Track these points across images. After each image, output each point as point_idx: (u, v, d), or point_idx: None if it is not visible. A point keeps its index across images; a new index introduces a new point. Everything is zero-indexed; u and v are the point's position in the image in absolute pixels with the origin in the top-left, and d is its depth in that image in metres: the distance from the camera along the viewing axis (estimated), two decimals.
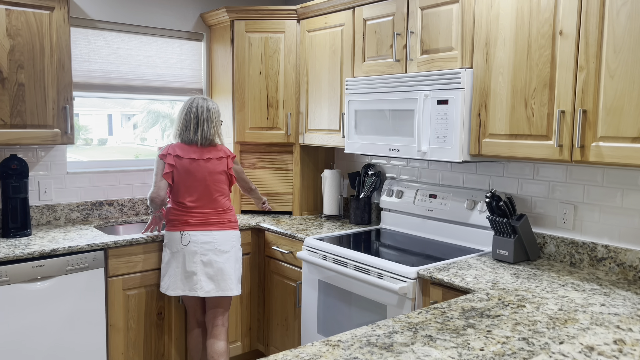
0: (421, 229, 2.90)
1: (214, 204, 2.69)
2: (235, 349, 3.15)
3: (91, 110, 3.46)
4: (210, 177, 2.68)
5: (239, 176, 2.90)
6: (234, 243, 2.72)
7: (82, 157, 3.32)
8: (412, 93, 2.51)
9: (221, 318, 2.72)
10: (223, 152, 2.77)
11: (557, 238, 2.39)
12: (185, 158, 2.65)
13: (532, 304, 1.80)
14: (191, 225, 2.63)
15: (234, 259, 2.70)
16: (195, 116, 2.70)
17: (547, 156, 2.06)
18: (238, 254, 2.74)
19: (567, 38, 1.98)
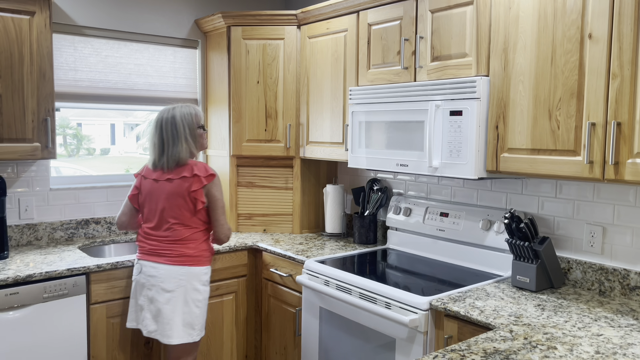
0: (431, 250, 2.67)
1: (168, 233, 2.31)
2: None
3: (94, 120, 3.31)
4: (167, 200, 2.31)
5: (213, 199, 2.34)
6: (183, 282, 2.28)
7: (83, 168, 3.21)
8: (422, 103, 2.30)
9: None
10: (189, 170, 2.31)
11: (584, 263, 2.15)
12: (148, 178, 2.40)
13: (563, 344, 1.57)
14: (144, 254, 2.36)
15: (182, 301, 2.28)
16: (159, 136, 2.35)
17: (575, 174, 1.84)
18: (191, 295, 2.30)
19: (597, 42, 1.77)
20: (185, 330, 2.30)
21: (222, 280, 2.85)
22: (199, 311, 2.33)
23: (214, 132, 3.37)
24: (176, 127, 2.34)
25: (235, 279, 2.91)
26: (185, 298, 2.29)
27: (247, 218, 3.27)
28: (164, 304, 2.27)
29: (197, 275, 2.32)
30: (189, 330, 2.31)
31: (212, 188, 2.34)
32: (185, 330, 2.30)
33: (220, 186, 2.38)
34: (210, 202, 2.35)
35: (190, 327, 2.31)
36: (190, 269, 2.31)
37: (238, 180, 3.25)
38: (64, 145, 3.15)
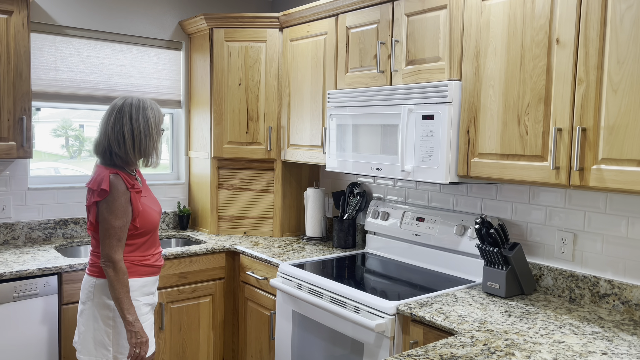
0: (408, 255, 2.66)
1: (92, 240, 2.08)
2: None
3: (96, 122, 3.32)
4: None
5: (100, 218, 1.95)
6: (91, 295, 1.99)
7: (83, 169, 3.21)
8: (396, 107, 2.29)
9: None
10: (93, 180, 1.98)
11: (555, 270, 2.14)
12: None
13: (522, 351, 1.55)
14: None
15: (92, 316, 1.98)
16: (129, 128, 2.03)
17: (542, 179, 1.83)
18: (99, 311, 1.97)
19: (564, 47, 1.76)
20: (98, 349, 1.98)
21: (200, 282, 2.84)
22: (111, 330, 1.98)
23: (196, 133, 3.37)
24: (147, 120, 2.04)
25: (213, 282, 2.90)
26: (94, 313, 1.99)
27: (228, 220, 3.26)
28: (79, 315, 2.05)
29: (105, 288, 1.98)
30: (102, 350, 1.98)
31: (101, 206, 1.95)
32: (97, 349, 1.98)
33: (112, 204, 1.94)
34: (102, 221, 1.96)
35: (102, 347, 1.98)
36: (98, 281, 1.99)
37: (219, 183, 3.25)
38: (66, 147, 3.16)
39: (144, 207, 2.05)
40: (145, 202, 2.08)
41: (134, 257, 2.04)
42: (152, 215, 2.08)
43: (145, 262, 2.07)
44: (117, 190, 1.96)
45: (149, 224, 2.06)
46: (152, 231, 2.09)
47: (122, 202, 1.96)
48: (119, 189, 1.96)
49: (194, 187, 3.44)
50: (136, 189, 2.03)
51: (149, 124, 2.05)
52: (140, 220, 2.02)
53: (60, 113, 3.11)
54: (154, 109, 2.09)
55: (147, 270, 2.08)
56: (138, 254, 2.06)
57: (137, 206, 2.01)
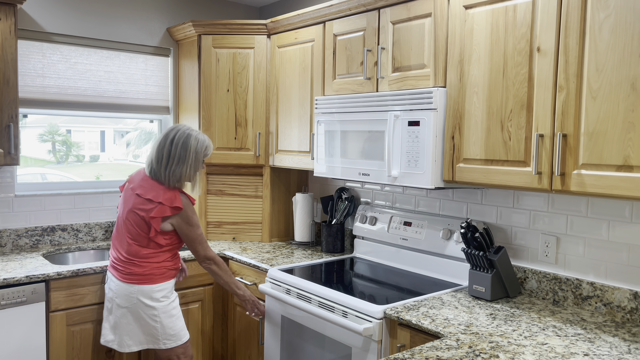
0: (395, 259, 2.69)
1: (123, 248, 2.31)
2: None
3: (84, 127, 3.32)
4: (129, 214, 2.30)
5: (182, 232, 2.33)
6: (134, 300, 2.27)
7: (72, 175, 3.23)
8: (383, 113, 2.32)
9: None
10: (162, 196, 2.26)
11: (539, 273, 2.18)
12: (129, 185, 2.40)
13: (506, 353, 1.58)
14: (109, 265, 2.41)
15: (136, 316, 2.29)
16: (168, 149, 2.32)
17: (525, 184, 1.87)
18: (144, 311, 2.28)
19: (545, 55, 1.80)
20: (148, 339, 2.32)
21: (189, 288, 2.85)
22: (158, 324, 2.31)
23: None
24: (187, 148, 2.33)
25: (202, 287, 2.90)
26: (139, 314, 2.29)
27: (217, 226, 3.26)
28: (120, 317, 2.31)
29: (148, 293, 2.29)
30: (153, 339, 2.32)
31: (178, 220, 2.30)
32: (147, 338, 2.32)
33: (189, 220, 2.32)
34: (181, 235, 2.34)
35: (153, 337, 2.32)
36: (141, 288, 2.28)
37: (208, 188, 3.25)
38: (53, 152, 3.15)
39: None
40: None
41: (170, 263, 2.38)
42: None
43: (175, 266, 2.42)
44: (189, 206, 2.34)
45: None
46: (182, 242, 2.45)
47: (195, 216, 2.37)
48: (190, 205, 2.36)
49: None
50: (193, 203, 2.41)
51: (188, 150, 2.33)
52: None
53: (46, 118, 3.10)
54: (198, 140, 2.38)
55: (173, 274, 2.41)
56: (173, 261, 2.40)
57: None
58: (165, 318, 2.32)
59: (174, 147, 2.32)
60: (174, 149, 2.31)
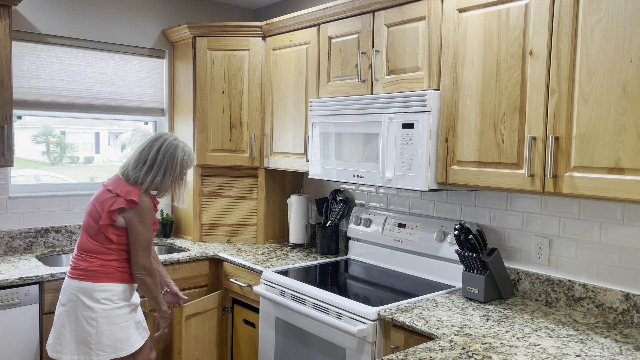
0: (390, 261, 2.70)
1: (80, 243, 2.20)
2: None
3: (78, 129, 3.31)
4: (90, 205, 2.21)
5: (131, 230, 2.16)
6: (73, 297, 2.11)
7: (66, 177, 3.22)
8: (377, 116, 2.33)
9: None
10: (122, 189, 2.17)
11: (532, 274, 2.19)
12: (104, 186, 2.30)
13: (499, 354, 1.59)
14: None
15: (73, 317, 2.11)
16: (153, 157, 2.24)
17: (517, 186, 1.88)
18: (82, 312, 2.10)
19: (537, 58, 1.82)
20: (80, 348, 2.11)
21: (183, 290, 2.84)
22: (94, 330, 2.11)
23: None
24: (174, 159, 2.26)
25: (197, 289, 2.90)
26: (76, 314, 2.11)
27: (211, 228, 3.26)
28: (57, 317, 2.17)
29: (88, 291, 2.11)
30: (85, 349, 2.11)
31: (131, 215, 2.15)
32: (78, 347, 2.11)
33: (143, 218, 2.16)
34: (129, 234, 2.18)
35: (85, 345, 2.11)
36: (82, 284, 2.12)
37: (202, 190, 3.26)
38: (47, 154, 3.14)
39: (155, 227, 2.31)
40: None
41: (119, 265, 2.22)
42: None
43: (127, 269, 2.25)
44: (148, 205, 2.20)
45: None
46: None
47: (151, 219, 2.22)
48: (148, 207, 2.20)
49: None
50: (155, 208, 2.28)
51: (175, 161, 2.27)
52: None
53: (41, 119, 3.10)
54: (185, 152, 2.31)
55: (127, 278, 2.24)
56: (122, 262, 2.23)
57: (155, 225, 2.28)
58: (104, 324, 2.12)
59: (161, 157, 2.24)
60: (161, 158, 2.23)
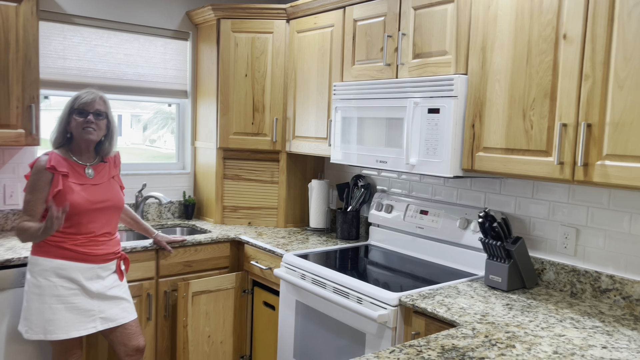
0: (411, 247, 2.68)
1: None
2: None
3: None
4: None
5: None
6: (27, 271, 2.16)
7: None
8: (402, 100, 2.30)
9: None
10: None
11: (557, 264, 2.15)
12: None
13: (523, 343, 1.57)
14: None
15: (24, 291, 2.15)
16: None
17: (546, 174, 1.84)
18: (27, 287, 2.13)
19: (571, 43, 1.76)
20: (21, 320, 2.15)
21: (204, 271, 2.87)
22: (26, 304, 2.12)
23: (202, 124, 3.39)
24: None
25: (217, 270, 2.92)
26: (27, 289, 2.15)
27: (233, 210, 3.28)
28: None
29: (28, 264, 2.16)
30: (22, 321, 2.13)
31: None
32: (22, 319, 2.14)
33: (29, 178, 2.13)
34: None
35: (22, 318, 2.14)
36: (31, 259, 2.15)
37: (224, 173, 3.27)
38: None
39: (65, 191, 2.12)
40: (77, 189, 2.15)
41: (51, 238, 2.12)
42: (75, 200, 2.13)
43: (62, 244, 2.13)
44: (36, 167, 2.13)
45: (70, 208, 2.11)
46: (73, 215, 2.13)
47: (37, 179, 2.12)
48: (37, 166, 2.12)
49: (199, 177, 3.46)
50: (60, 171, 2.12)
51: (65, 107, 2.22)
52: (56, 202, 2.10)
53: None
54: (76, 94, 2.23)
55: (64, 254, 2.13)
56: (56, 236, 2.13)
57: (54, 188, 2.11)
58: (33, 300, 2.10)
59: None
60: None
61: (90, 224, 2.17)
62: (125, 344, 2.27)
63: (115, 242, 2.29)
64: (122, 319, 2.25)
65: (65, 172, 2.15)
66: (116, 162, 2.37)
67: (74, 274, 2.13)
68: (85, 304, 2.15)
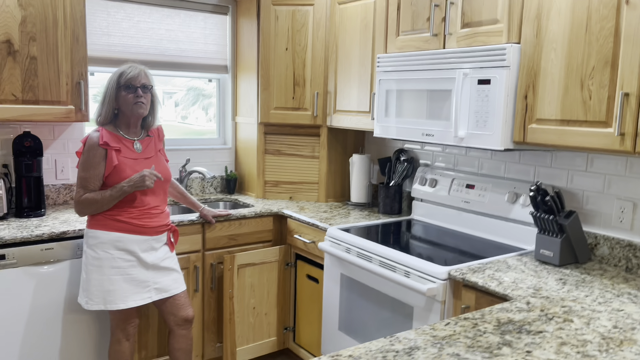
0: (456, 222, 2.65)
1: None
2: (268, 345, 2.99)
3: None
4: None
5: None
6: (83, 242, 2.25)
7: None
8: (450, 72, 2.25)
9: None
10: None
11: (612, 239, 2.10)
12: None
13: (581, 318, 1.55)
14: None
15: (82, 263, 2.24)
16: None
17: (604, 146, 1.78)
18: (83, 258, 2.23)
19: (634, 8, 1.68)
20: (81, 291, 2.23)
21: (248, 244, 2.92)
22: (85, 276, 2.20)
23: (242, 99, 3.40)
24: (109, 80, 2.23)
25: (261, 244, 2.96)
26: (84, 260, 2.23)
27: (274, 185, 3.30)
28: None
29: (85, 236, 2.22)
30: (83, 292, 2.21)
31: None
32: (81, 291, 2.23)
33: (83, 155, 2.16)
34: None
35: (82, 289, 2.22)
36: (84, 229, 2.27)
37: (265, 148, 3.28)
38: None
39: (120, 166, 2.17)
40: (129, 163, 2.20)
41: (107, 211, 2.19)
42: (130, 175, 2.18)
43: (117, 217, 2.19)
44: (89, 144, 2.16)
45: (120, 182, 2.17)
46: None
47: (91, 156, 2.15)
48: (90, 143, 2.16)
49: (240, 152, 3.49)
50: (113, 146, 2.17)
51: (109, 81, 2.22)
52: (113, 177, 2.17)
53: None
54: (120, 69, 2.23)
55: (120, 226, 2.19)
56: (112, 209, 2.19)
57: (110, 163, 2.16)
58: (93, 272, 2.17)
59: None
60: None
61: (144, 197, 2.22)
62: (175, 314, 2.34)
63: (166, 214, 2.34)
64: (175, 289, 2.31)
65: (118, 148, 2.19)
66: (160, 135, 2.41)
67: (131, 246, 2.19)
68: (141, 275, 2.21)
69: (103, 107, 2.23)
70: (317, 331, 2.80)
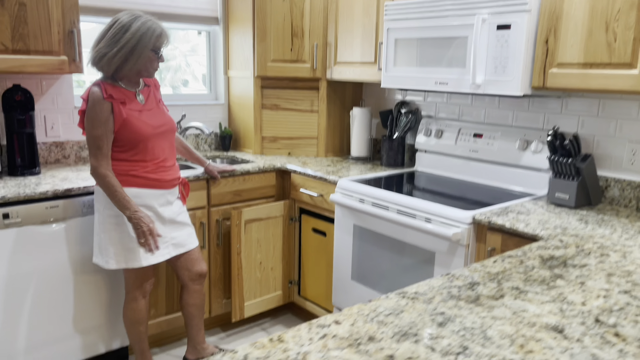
0: (463, 171, 2.68)
1: None
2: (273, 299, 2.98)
3: None
4: None
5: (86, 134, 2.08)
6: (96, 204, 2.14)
7: None
8: (467, 17, 2.22)
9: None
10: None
11: (623, 181, 2.18)
12: None
13: (616, 252, 1.61)
14: None
15: (95, 222, 2.15)
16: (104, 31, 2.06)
17: (629, 87, 1.81)
18: (96, 218, 2.13)
19: None
20: (97, 251, 2.16)
21: (252, 199, 2.87)
22: (102, 235, 2.11)
23: (235, 52, 3.28)
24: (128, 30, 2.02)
25: (264, 199, 2.93)
26: (97, 219, 2.14)
27: (272, 141, 3.24)
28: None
29: (96, 194, 2.13)
30: (100, 252, 2.14)
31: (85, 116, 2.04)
32: (98, 250, 2.15)
33: (89, 112, 2.01)
34: None
35: (99, 250, 2.14)
36: (95, 188, 2.13)
37: (262, 102, 3.20)
38: None
39: (129, 119, 2.05)
40: (136, 115, 2.08)
41: (121, 167, 2.08)
42: (140, 127, 2.07)
43: (133, 172, 2.09)
44: (93, 100, 2.00)
45: (134, 135, 2.06)
46: (139, 142, 2.08)
47: (98, 112, 2.00)
48: (94, 98, 2.00)
49: (234, 108, 3.39)
50: (117, 99, 2.03)
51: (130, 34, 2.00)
52: (123, 132, 2.05)
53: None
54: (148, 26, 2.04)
55: (137, 181, 2.09)
56: (126, 164, 2.09)
57: (118, 117, 2.03)
58: (111, 230, 2.09)
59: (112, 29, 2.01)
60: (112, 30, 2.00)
61: (155, 150, 2.13)
62: (189, 269, 2.30)
63: (177, 167, 2.26)
64: (190, 244, 2.26)
65: (123, 100, 2.07)
66: (156, 85, 2.28)
67: (149, 200, 2.11)
68: (159, 230, 2.14)
69: (119, 61, 2.01)
70: (324, 283, 2.82)
